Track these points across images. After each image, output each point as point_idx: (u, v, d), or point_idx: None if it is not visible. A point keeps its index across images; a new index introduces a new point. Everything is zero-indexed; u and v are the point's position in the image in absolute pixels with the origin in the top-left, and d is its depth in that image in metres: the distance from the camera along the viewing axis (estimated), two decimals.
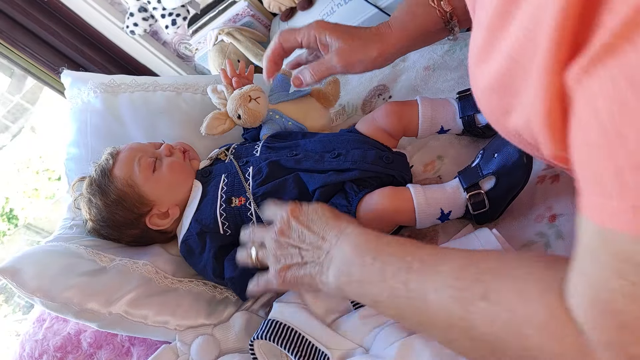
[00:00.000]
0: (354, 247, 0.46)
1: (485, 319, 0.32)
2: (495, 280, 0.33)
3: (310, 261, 0.51)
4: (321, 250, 0.49)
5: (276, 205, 0.60)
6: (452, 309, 0.34)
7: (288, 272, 0.54)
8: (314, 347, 0.61)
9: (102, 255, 0.75)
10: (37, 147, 2.85)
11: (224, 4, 1.30)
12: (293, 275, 0.53)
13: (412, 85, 0.94)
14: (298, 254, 0.53)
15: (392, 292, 0.40)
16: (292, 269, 0.54)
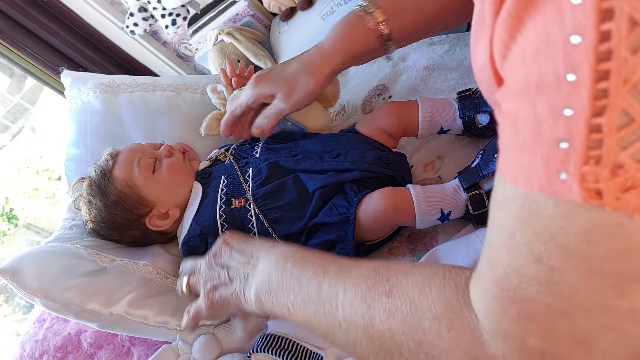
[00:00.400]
0: (279, 255, 0.47)
1: (385, 313, 0.32)
2: (403, 278, 0.33)
3: (237, 278, 0.52)
4: (249, 264, 0.51)
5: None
6: (357, 306, 0.35)
7: (215, 293, 0.54)
8: (309, 351, 0.62)
9: (103, 256, 0.75)
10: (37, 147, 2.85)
11: (224, 4, 1.30)
12: (220, 295, 0.54)
13: (412, 85, 0.94)
14: (226, 274, 0.54)
15: (306, 297, 0.40)
16: (220, 289, 0.54)
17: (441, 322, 0.29)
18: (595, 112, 0.18)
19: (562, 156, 0.20)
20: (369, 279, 0.35)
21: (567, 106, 0.19)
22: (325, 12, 1.19)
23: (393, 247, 0.73)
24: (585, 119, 0.18)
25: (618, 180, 0.19)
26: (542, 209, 0.22)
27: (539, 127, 0.20)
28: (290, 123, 0.87)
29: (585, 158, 0.19)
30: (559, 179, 0.20)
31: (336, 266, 0.40)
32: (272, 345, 0.64)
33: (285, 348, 0.63)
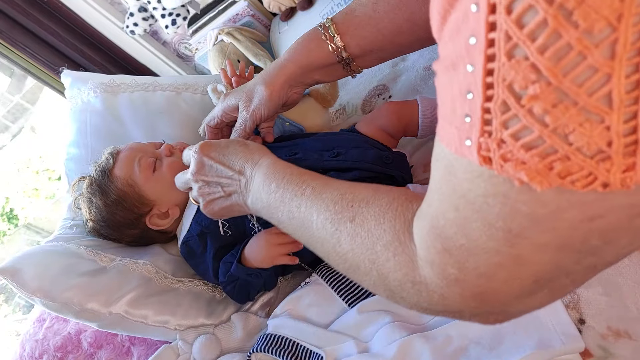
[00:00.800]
0: (264, 177, 0.53)
1: (349, 237, 0.40)
2: (364, 207, 0.40)
3: (234, 191, 0.57)
4: (241, 182, 0.56)
5: (188, 149, 0.64)
6: (327, 227, 0.42)
7: (215, 205, 0.60)
8: (309, 350, 0.62)
9: (102, 255, 0.75)
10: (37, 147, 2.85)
11: (224, 4, 1.30)
12: (220, 206, 0.60)
13: (412, 85, 0.94)
14: (220, 189, 0.59)
15: (289, 215, 0.48)
16: (219, 201, 0.59)
17: (389, 249, 0.36)
18: (486, 98, 0.23)
19: (467, 128, 0.25)
20: (337, 204, 0.42)
21: (469, 91, 0.24)
22: (325, 12, 1.19)
23: None
24: (480, 103, 0.23)
25: (501, 152, 0.24)
26: (457, 170, 0.28)
27: (454, 103, 0.26)
28: (288, 123, 0.87)
29: (481, 132, 0.24)
30: (466, 145, 0.26)
31: (310, 189, 0.47)
32: (272, 345, 0.64)
33: (285, 348, 0.63)
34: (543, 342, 0.51)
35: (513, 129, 0.23)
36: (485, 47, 0.22)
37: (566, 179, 0.23)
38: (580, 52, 0.20)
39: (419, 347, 0.57)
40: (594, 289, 0.54)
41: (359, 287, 0.68)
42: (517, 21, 0.21)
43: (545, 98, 0.21)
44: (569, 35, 0.19)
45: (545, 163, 0.23)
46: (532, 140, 0.23)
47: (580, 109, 0.21)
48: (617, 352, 0.51)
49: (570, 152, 0.22)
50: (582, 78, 0.20)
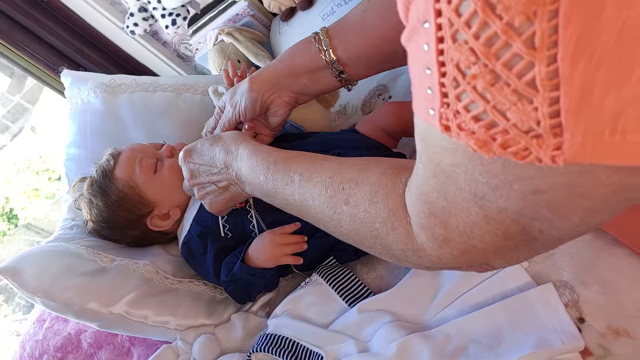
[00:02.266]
0: (250, 170, 0.55)
1: (348, 218, 0.43)
2: (355, 188, 0.43)
3: (229, 184, 0.60)
4: (231, 174, 0.58)
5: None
6: (325, 211, 0.45)
7: (216, 202, 0.63)
8: (309, 350, 0.62)
9: (103, 256, 0.75)
10: (37, 147, 2.85)
11: (224, 4, 1.30)
12: (223, 201, 0.63)
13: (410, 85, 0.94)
14: (215, 187, 0.61)
15: (286, 202, 0.51)
16: (219, 198, 0.62)
17: (387, 224, 0.39)
18: (441, 74, 0.26)
19: (430, 99, 0.28)
20: (328, 188, 0.45)
21: (428, 67, 0.26)
22: (325, 12, 1.19)
23: None
24: (437, 79, 0.26)
25: (457, 121, 0.26)
26: (430, 142, 0.31)
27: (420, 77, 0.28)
28: (289, 124, 0.87)
29: (441, 103, 0.27)
30: (430, 115, 0.28)
31: (298, 176, 0.49)
32: (272, 345, 0.64)
33: (285, 348, 0.63)
34: (543, 341, 0.51)
35: (464, 102, 0.25)
36: (435, 30, 0.24)
37: (507, 150, 0.25)
38: (506, 41, 0.22)
39: (418, 346, 0.57)
40: (593, 288, 0.54)
41: (359, 287, 0.69)
42: (456, 10, 0.23)
43: (484, 77, 0.23)
44: (496, 25, 0.22)
45: (489, 134, 0.25)
46: (479, 114, 0.25)
47: (513, 90, 0.23)
48: (617, 351, 0.51)
49: (508, 127, 0.24)
50: (511, 63, 0.22)
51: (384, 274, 0.70)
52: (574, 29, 0.20)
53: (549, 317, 0.53)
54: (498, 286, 0.58)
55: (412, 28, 0.27)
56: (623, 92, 0.20)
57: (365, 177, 0.43)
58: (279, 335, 0.65)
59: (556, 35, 0.20)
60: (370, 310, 0.64)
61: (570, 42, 0.20)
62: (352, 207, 0.43)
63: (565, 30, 0.20)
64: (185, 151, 0.64)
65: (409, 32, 0.28)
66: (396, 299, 0.64)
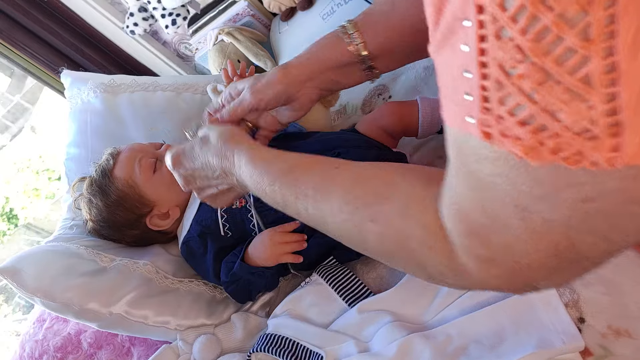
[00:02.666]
0: (250, 180, 0.50)
1: (376, 237, 0.38)
2: (382, 205, 0.38)
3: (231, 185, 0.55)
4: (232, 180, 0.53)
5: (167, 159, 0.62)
6: (348, 228, 0.40)
7: (220, 200, 0.60)
8: (309, 350, 0.62)
9: (103, 256, 0.75)
10: (37, 147, 2.85)
11: (224, 4, 1.30)
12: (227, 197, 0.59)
13: (412, 85, 0.94)
14: (216, 188, 0.57)
15: (298, 215, 0.45)
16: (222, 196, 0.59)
17: (423, 244, 0.35)
18: (482, 76, 0.24)
19: (469, 105, 0.26)
20: (349, 205, 0.39)
21: (467, 70, 0.25)
22: (325, 12, 1.19)
23: None
24: (477, 82, 0.24)
25: (500, 127, 0.25)
26: (466, 153, 0.29)
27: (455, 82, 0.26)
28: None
29: (482, 108, 0.25)
30: (468, 122, 0.26)
31: (311, 190, 0.43)
32: (272, 345, 0.64)
33: (285, 348, 0.63)
34: (543, 341, 0.51)
35: (509, 105, 0.24)
36: (477, 28, 0.23)
37: (557, 155, 0.23)
38: (557, 35, 0.20)
39: (419, 346, 0.57)
40: (594, 288, 0.54)
41: (359, 287, 0.68)
42: (501, 4, 0.21)
43: (532, 77, 0.22)
44: (546, 18, 0.20)
45: (537, 139, 0.23)
46: (526, 117, 0.23)
47: (564, 88, 0.21)
48: (617, 351, 0.51)
49: (559, 129, 0.22)
50: (562, 58, 0.21)
51: (384, 274, 0.70)
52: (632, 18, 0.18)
53: (549, 317, 0.53)
54: None
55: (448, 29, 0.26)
56: None
57: (393, 190, 0.38)
58: (279, 335, 0.65)
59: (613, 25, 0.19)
60: (370, 310, 0.64)
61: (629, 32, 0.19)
62: (380, 225, 0.38)
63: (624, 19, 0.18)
64: (173, 158, 0.58)
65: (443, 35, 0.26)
66: (397, 298, 0.64)
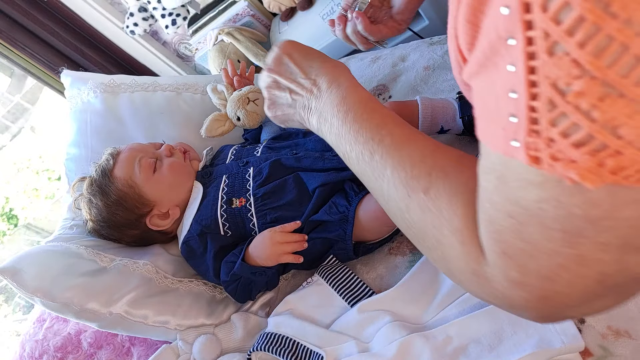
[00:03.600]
0: (341, 100, 0.48)
1: (419, 208, 0.38)
2: (441, 179, 0.38)
3: (301, 103, 0.55)
4: (312, 94, 0.53)
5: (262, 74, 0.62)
6: (398, 189, 0.40)
7: (278, 109, 0.59)
8: (309, 350, 0.62)
9: (103, 256, 0.75)
10: (37, 147, 2.85)
11: (224, 4, 1.30)
12: (282, 112, 0.58)
13: (412, 85, 0.94)
14: (289, 96, 0.56)
15: (360, 156, 0.44)
16: (283, 107, 0.58)
17: (456, 235, 0.35)
18: (531, 97, 0.23)
19: (514, 128, 0.24)
20: (415, 168, 0.39)
21: (513, 90, 0.23)
22: (325, 12, 1.19)
23: (393, 247, 0.73)
24: (525, 102, 0.23)
25: (551, 151, 0.23)
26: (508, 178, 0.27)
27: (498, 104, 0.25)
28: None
29: (529, 131, 0.24)
30: (513, 146, 0.25)
31: (390, 138, 0.43)
32: (272, 344, 0.64)
33: (285, 347, 0.63)
34: (543, 341, 0.51)
35: (561, 126, 0.22)
36: (524, 45, 0.22)
37: (619, 174, 0.22)
38: (622, 43, 0.19)
39: (419, 346, 0.57)
40: None
41: (359, 286, 0.68)
42: (554, 18, 0.20)
43: (591, 92, 0.21)
44: (609, 26, 0.19)
45: (596, 160, 0.22)
46: (582, 138, 0.22)
47: (629, 100, 0.20)
48: (617, 352, 0.51)
49: (621, 146, 0.21)
50: (627, 69, 0.19)
51: (384, 273, 0.70)
52: None
53: None
54: None
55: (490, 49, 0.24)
56: None
57: (458, 171, 0.37)
58: (279, 334, 0.65)
59: None
60: (370, 310, 0.64)
61: None
62: (430, 199, 0.37)
63: None
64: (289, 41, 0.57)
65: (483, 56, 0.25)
66: (397, 298, 0.64)
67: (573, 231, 0.26)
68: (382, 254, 0.73)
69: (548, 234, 0.27)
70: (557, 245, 0.27)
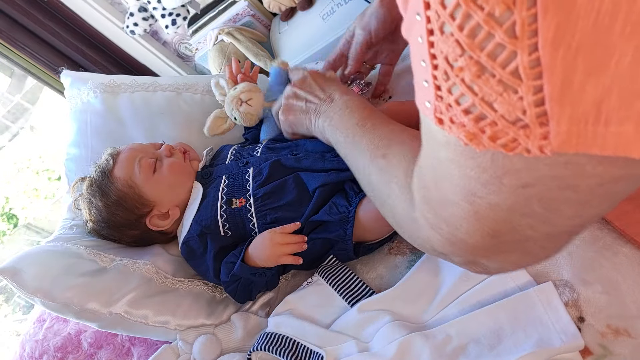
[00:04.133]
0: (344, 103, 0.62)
1: (378, 169, 0.47)
2: (397, 146, 0.46)
3: (313, 110, 0.66)
4: (324, 102, 0.65)
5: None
6: (366, 157, 0.50)
7: (290, 114, 0.71)
8: (309, 350, 0.62)
9: (103, 256, 0.75)
10: (37, 147, 2.85)
11: (224, 4, 1.30)
12: (294, 116, 0.70)
13: (412, 85, 0.93)
14: (304, 103, 0.68)
15: (345, 139, 0.57)
16: (296, 112, 0.70)
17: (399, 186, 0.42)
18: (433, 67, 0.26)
19: (426, 91, 0.28)
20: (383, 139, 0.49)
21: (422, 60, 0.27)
22: (325, 12, 1.19)
23: (393, 247, 0.73)
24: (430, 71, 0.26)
25: (449, 115, 0.27)
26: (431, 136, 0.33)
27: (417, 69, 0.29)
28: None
29: (436, 96, 0.27)
30: (427, 106, 0.29)
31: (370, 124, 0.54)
32: (272, 344, 0.64)
33: (285, 347, 0.63)
34: (543, 340, 0.51)
35: (455, 95, 0.25)
36: (425, 22, 0.25)
37: (496, 142, 0.25)
38: (489, 32, 0.22)
39: (418, 346, 0.57)
40: (594, 287, 0.54)
41: (359, 286, 0.69)
42: (442, 2, 0.23)
43: (470, 70, 0.24)
44: (478, 16, 0.22)
45: (479, 127, 0.25)
46: (469, 106, 0.25)
47: (498, 80, 0.23)
48: (617, 350, 0.51)
49: (496, 118, 0.24)
50: (495, 53, 0.22)
51: (384, 273, 0.70)
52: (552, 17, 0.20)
53: (549, 316, 0.53)
54: (498, 285, 0.58)
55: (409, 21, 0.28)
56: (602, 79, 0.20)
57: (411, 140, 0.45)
58: (279, 334, 0.65)
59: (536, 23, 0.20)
60: (370, 310, 0.64)
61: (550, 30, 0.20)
62: (386, 161, 0.46)
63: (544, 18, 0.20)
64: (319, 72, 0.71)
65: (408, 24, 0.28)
66: (396, 298, 0.64)
67: (470, 189, 0.30)
68: (382, 254, 0.73)
69: (454, 189, 0.31)
70: (459, 198, 0.31)
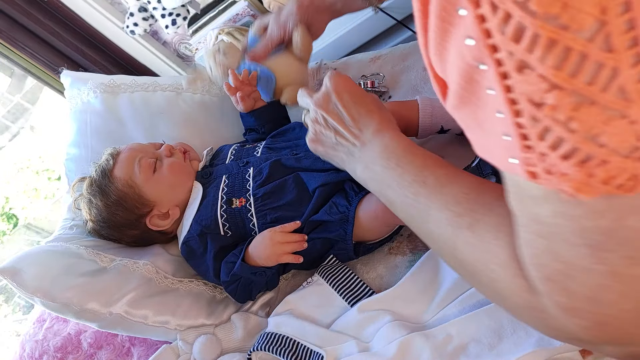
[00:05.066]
0: (384, 148, 0.50)
1: (467, 245, 0.38)
2: (485, 215, 0.37)
3: (344, 148, 0.56)
4: (357, 142, 0.54)
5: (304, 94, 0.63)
6: (445, 229, 0.40)
7: (320, 146, 0.61)
8: (309, 350, 0.62)
9: (103, 256, 0.75)
10: (37, 147, 2.84)
11: (224, 4, 1.30)
12: (325, 152, 0.61)
13: (412, 85, 0.94)
14: (334, 137, 0.57)
15: (404, 200, 0.45)
16: (326, 146, 0.60)
17: (506, 270, 0.33)
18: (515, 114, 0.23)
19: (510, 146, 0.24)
20: (459, 205, 0.39)
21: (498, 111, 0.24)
22: None
23: (393, 247, 0.73)
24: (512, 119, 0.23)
25: (544, 165, 0.23)
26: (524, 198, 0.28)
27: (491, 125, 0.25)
28: (259, 70, 0.86)
29: (522, 147, 0.24)
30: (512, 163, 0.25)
31: (433, 178, 0.43)
32: (272, 344, 0.64)
33: (285, 347, 0.63)
34: (543, 340, 0.51)
35: (549, 140, 0.22)
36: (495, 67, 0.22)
37: (610, 184, 0.21)
38: (580, 52, 0.19)
39: (419, 345, 0.57)
40: None
41: (359, 286, 0.68)
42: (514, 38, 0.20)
43: (563, 104, 0.20)
44: (564, 38, 0.19)
45: (585, 171, 0.22)
46: (568, 150, 0.21)
47: (601, 107, 0.20)
48: None
49: (605, 155, 0.21)
50: (590, 76, 0.19)
51: (384, 273, 0.70)
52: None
53: None
54: None
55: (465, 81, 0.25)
56: None
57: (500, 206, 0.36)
58: (279, 334, 0.65)
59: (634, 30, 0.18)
60: (370, 309, 0.64)
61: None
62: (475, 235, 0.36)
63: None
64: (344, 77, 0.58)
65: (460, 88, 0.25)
66: (397, 298, 0.64)
67: (595, 245, 0.25)
68: (382, 253, 0.73)
69: (575, 250, 0.26)
70: (587, 262, 0.26)
